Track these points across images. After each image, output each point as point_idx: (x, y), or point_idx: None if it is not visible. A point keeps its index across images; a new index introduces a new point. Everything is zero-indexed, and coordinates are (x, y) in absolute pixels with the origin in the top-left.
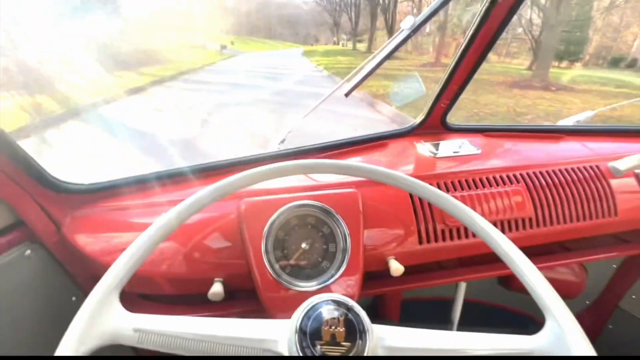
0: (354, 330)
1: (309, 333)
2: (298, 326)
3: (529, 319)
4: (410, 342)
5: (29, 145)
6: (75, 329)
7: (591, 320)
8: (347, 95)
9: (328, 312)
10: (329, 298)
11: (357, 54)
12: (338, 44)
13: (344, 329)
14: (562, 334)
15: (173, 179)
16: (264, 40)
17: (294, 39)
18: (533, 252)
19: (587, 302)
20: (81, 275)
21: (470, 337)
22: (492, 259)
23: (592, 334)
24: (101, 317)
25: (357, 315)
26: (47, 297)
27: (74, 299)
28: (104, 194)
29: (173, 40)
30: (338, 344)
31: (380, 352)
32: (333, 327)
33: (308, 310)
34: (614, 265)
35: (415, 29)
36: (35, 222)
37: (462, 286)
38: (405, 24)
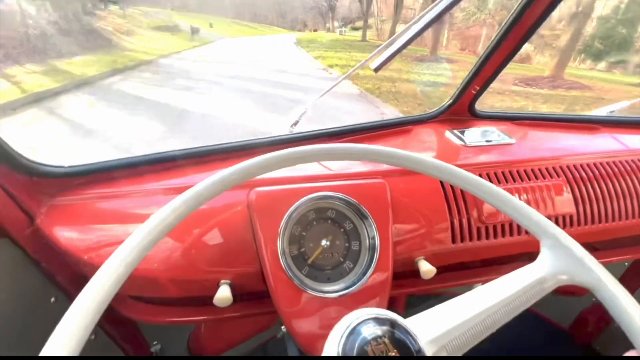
0: (406, 349)
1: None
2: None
3: (543, 321)
4: (445, 324)
5: None
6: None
7: (596, 318)
8: (376, 70)
9: (371, 333)
10: (366, 317)
11: (372, 47)
12: (333, 31)
13: (395, 350)
14: (561, 249)
15: (170, 163)
16: (248, 24)
17: (280, 23)
18: None
19: (594, 300)
20: (61, 273)
21: (487, 291)
22: (521, 257)
23: (596, 331)
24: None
25: (405, 331)
26: (22, 298)
27: (52, 300)
28: (87, 178)
29: (133, 19)
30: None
31: (429, 350)
32: (383, 354)
33: (347, 336)
34: (626, 264)
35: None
36: (2, 212)
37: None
38: None
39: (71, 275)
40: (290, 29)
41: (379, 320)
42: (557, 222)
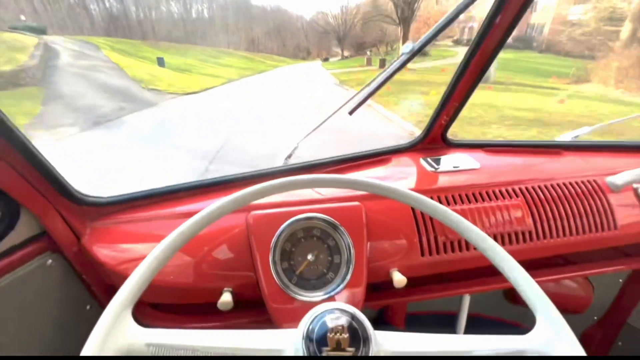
0: (357, 337)
1: (315, 340)
2: (305, 333)
3: None
4: (411, 346)
5: None
6: (92, 344)
7: (600, 337)
8: (351, 113)
9: (333, 320)
10: (333, 307)
11: None
12: (369, 64)
13: (348, 335)
14: (552, 333)
15: (186, 192)
16: (244, 54)
17: (281, 52)
18: (534, 265)
19: (595, 318)
20: (96, 284)
21: (467, 339)
22: (495, 271)
23: (601, 351)
24: (115, 332)
25: (360, 322)
26: (64, 305)
27: (88, 307)
28: (122, 206)
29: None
30: (343, 350)
31: (378, 337)
32: (338, 334)
33: (314, 319)
34: (620, 280)
35: (414, 54)
36: (58, 232)
37: (466, 299)
38: (405, 48)
39: (104, 287)
40: (292, 57)
41: (341, 311)
42: (516, 238)
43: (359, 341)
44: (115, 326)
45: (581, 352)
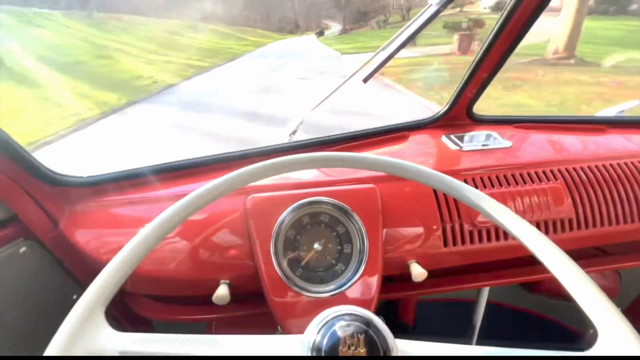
0: (376, 349)
1: (325, 349)
2: (313, 343)
3: (559, 327)
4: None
5: None
6: (54, 349)
7: None
8: (365, 81)
9: (345, 328)
10: (344, 312)
11: None
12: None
13: (364, 349)
14: (620, 351)
15: (176, 172)
16: (219, 28)
17: (265, 26)
18: (571, 257)
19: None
20: (82, 272)
21: (510, 353)
22: (520, 262)
23: None
24: (84, 336)
25: (378, 330)
26: (46, 295)
27: (74, 297)
28: (104, 187)
29: None
30: None
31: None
32: (352, 348)
33: (322, 326)
34: None
35: (445, 4)
36: (30, 217)
37: (485, 290)
38: None
39: (90, 274)
40: (277, 31)
41: (354, 317)
42: (553, 227)
43: (378, 354)
44: (84, 330)
45: None
